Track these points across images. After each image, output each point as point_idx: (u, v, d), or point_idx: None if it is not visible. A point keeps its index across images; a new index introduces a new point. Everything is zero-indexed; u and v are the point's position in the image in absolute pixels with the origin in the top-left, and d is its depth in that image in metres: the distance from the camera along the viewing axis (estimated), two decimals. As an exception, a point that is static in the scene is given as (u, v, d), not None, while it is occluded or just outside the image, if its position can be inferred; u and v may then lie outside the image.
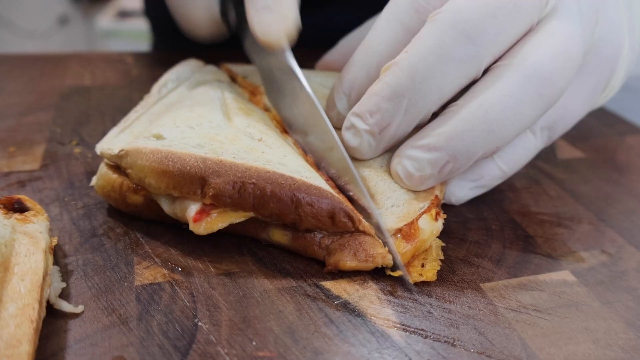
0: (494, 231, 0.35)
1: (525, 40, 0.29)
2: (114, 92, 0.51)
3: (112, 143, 0.32)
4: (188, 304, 0.27)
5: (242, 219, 0.29)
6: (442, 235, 0.32)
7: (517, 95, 0.28)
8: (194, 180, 0.28)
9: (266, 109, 0.38)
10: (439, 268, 0.31)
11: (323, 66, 0.44)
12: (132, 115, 0.36)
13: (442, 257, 0.32)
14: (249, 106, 0.36)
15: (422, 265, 0.30)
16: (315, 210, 0.28)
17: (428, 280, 0.30)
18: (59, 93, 0.50)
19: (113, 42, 2.11)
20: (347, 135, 0.31)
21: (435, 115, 0.31)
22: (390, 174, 0.32)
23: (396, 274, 0.30)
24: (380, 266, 0.29)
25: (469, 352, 0.26)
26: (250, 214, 0.29)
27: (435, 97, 0.29)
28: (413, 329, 0.27)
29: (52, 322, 0.25)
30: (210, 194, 0.28)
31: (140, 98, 0.40)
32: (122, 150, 0.30)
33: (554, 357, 0.26)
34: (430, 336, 0.26)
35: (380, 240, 0.29)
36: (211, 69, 0.43)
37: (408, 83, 0.28)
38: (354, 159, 0.32)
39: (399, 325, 0.27)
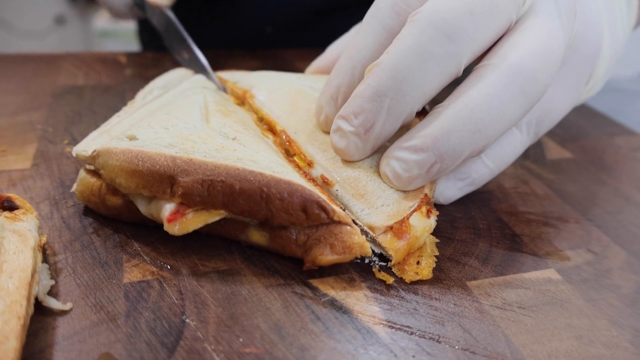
0: (481, 230, 0.35)
1: (506, 38, 0.29)
2: (107, 92, 0.51)
3: (88, 145, 0.32)
4: (176, 301, 0.27)
5: (216, 218, 0.29)
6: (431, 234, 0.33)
7: (501, 94, 0.28)
8: (163, 180, 0.29)
9: (255, 111, 0.39)
10: (434, 265, 0.31)
11: (312, 72, 0.44)
12: (114, 119, 0.36)
13: (437, 253, 0.32)
14: (229, 108, 0.37)
15: (418, 263, 0.31)
16: (286, 204, 0.28)
17: (424, 278, 0.30)
18: (52, 92, 0.50)
19: (109, 42, 2.11)
20: (335, 138, 0.32)
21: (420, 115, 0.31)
22: (379, 174, 0.32)
23: (384, 277, 0.30)
24: (359, 256, 0.29)
25: (454, 349, 0.26)
26: (224, 213, 0.29)
27: (417, 96, 0.29)
28: (399, 326, 0.27)
29: (40, 319, 0.25)
30: (180, 192, 0.28)
31: (134, 98, 0.41)
32: (95, 151, 0.31)
33: (538, 354, 0.26)
34: (415, 333, 0.27)
35: (357, 228, 0.29)
36: (199, 78, 0.43)
37: (389, 82, 0.29)
38: (344, 161, 0.33)
39: (385, 322, 0.27)
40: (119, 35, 2.09)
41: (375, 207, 0.31)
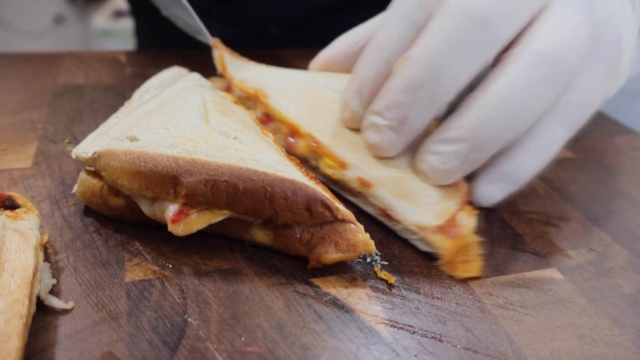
0: (482, 229, 0.35)
1: (532, 26, 0.30)
2: (107, 91, 0.51)
3: (88, 147, 0.32)
4: (178, 300, 0.27)
5: (220, 218, 0.29)
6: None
7: (531, 80, 0.29)
8: (166, 180, 0.28)
9: (271, 111, 0.38)
10: (481, 262, 0.31)
11: (319, 63, 0.42)
12: (112, 120, 0.36)
13: (481, 252, 0.32)
14: (228, 107, 0.37)
15: (465, 261, 0.31)
16: (290, 203, 0.28)
17: (474, 275, 0.30)
18: (52, 91, 0.50)
19: (109, 41, 2.11)
20: (368, 133, 0.32)
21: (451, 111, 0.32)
22: (416, 173, 0.32)
23: (386, 276, 0.30)
24: (363, 254, 0.29)
25: (456, 348, 0.26)
26: (228, 213, 0.29)
27: (452, 86, 0.30)
28: (401, 325, 0.27)
29: (42, 318, 0.25)
30: (183, 193, 0.28)
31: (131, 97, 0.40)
32: (95, 152, 0.31)
33: (540, 353, 0.26)
34: (417, 332, 0.27)
35: (360, 226, 0.29)
36: (195, 76, 0.43)
37: (424, 74, 0.29)
38: (380, 161, 0.33)
39: (387, 322, 0.27)
40: (118, 34, 2.09)
41: (420, 207, 0.31)
